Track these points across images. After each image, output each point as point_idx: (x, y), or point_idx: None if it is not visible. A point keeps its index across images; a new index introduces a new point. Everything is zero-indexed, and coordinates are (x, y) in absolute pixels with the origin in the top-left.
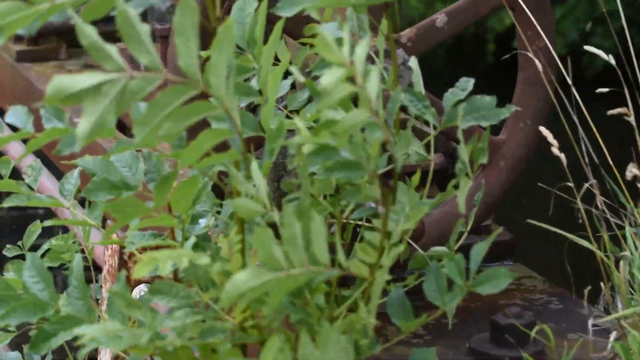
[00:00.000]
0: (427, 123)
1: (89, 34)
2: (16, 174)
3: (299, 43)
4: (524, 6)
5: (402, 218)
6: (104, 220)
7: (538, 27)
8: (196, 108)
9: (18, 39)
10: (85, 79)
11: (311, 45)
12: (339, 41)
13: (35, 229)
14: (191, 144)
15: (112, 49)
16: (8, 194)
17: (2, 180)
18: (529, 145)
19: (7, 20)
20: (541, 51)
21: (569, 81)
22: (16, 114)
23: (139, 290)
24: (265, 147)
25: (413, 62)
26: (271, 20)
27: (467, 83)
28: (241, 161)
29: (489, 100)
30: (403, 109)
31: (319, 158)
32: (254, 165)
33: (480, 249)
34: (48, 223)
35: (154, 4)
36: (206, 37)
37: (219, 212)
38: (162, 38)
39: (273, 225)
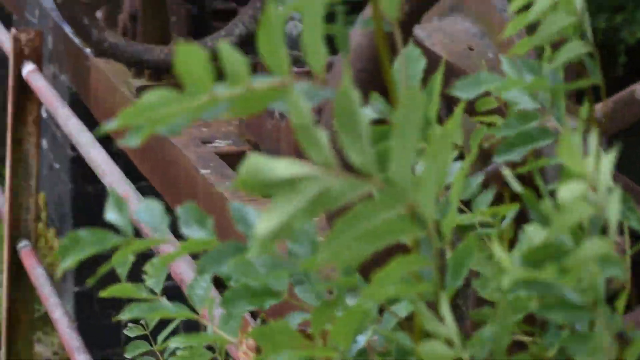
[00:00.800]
0: None
1: (304, 113)
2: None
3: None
4: None
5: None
6: None
7: None
8: (399, 227)
9: (139, 73)
10: (283, 168)
11: (489, 125)
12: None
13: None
14: (377, 277)
15: (323, 137)
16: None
17: (117, 285)
18: None
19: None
20: None
21: None
22: (149, 212)
23: None
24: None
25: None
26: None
27: None
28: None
29: None
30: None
31: (527, 290)
32: (444, 300)
33: None
34: (176, 342)
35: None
36: None
37: None
38: None
39: None
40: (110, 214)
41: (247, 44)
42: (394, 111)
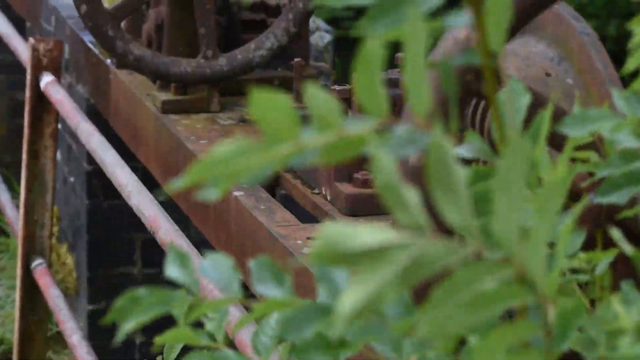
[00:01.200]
0: None
1: (388, 169)
2: None
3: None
4: None
5: None
6: None
7: None
8: (507, 294)
9: (164, 86)
10: (367, 236)
11: (583, 161)
12: None
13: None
14: (481, 348)
15: (412, 197)
16: None
17: (174, 331)
18: None
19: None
20: None
21: None
22: (217, 268)
23: None
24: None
25: None
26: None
27: None
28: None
29: None
30: None
31: None
32: None
33: None
34: None
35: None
36: None
37: None
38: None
39: None
40: (172, 270)
41: (277, 57)
42: (499, 159)
